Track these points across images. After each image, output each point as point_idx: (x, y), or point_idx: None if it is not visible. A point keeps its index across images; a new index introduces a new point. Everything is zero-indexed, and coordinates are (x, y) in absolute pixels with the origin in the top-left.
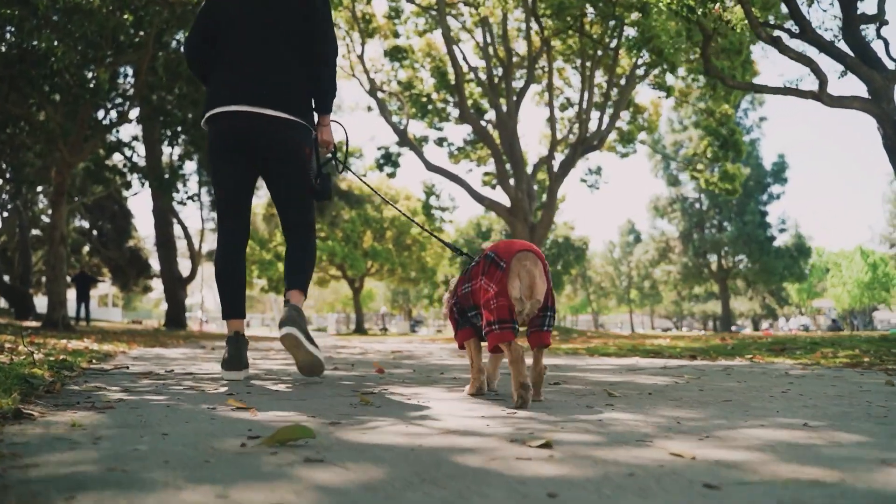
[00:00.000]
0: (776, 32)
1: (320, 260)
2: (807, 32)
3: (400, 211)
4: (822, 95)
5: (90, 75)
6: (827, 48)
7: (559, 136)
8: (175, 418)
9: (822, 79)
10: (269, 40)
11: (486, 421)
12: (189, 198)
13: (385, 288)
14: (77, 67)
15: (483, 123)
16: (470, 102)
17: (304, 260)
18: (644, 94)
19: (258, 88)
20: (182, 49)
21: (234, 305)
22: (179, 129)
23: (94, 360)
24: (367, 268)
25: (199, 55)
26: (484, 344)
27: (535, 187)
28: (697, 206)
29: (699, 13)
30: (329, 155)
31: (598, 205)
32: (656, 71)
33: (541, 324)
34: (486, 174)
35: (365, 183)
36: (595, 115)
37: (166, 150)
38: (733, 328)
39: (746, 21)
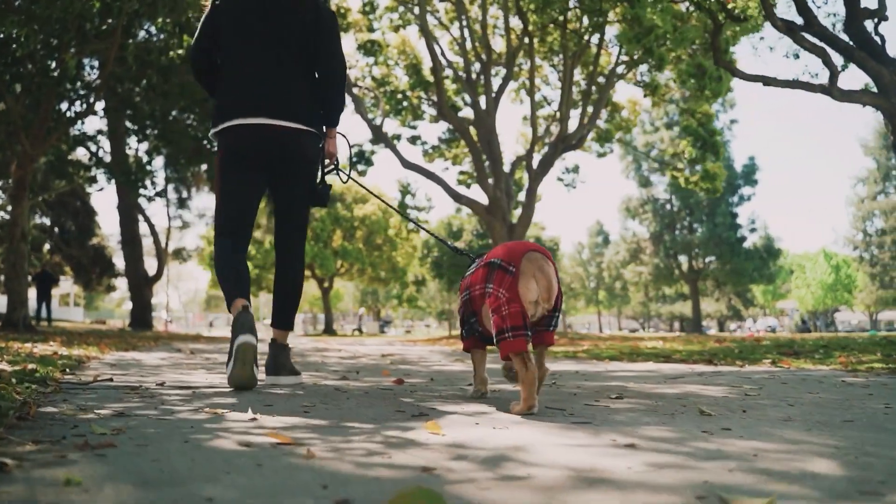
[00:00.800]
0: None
1: None
2: (812, 25)
3: (414, 222)
4: (832, 89)
5: (53, 65)
6: (833, 41)
7: (545, 132)
8: (207, 464)
9: (833, 71)
10: (279, 53)
11: (616, 460)
12: (157, 194)
13: (354, 288)
14: (41, 57)
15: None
16: (447, 97)
17: (296, 299)
18: (621, 93)
19: (276, 100)
20: (190, 49)
21: (240, 289)
22: (148, 122)
23: (67, 370)
24: (337, 267)
25: (207, 64)
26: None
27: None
28: (668, 207)
29: (711, 1)
30: (332, 166)
31: (567, 206)
32: (643, 68)
33: (547, 324)
34: (462, 173)
35: (371, 193)
36: (574, 112)
37: (133, 144)
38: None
39: (760, 10)
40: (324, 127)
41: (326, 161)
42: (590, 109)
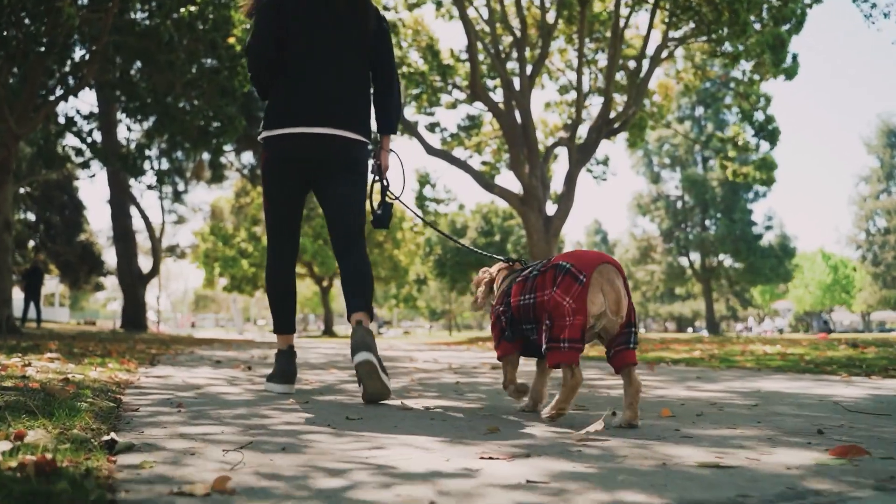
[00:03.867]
0: None
1: None
2: None
3: (458, 242)
4: None
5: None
6: None
7: (563, 121)
8: None
9: None
10: (343, 58)
11: None
12: (158, 179)
13: None
14: (27, 26)
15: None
16: (467, 83)
17: (366, 282)
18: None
19: (336, 110)
20: (250, 45)
21: (287, 321)
22: (147, 100)
23: (111, 433)
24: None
25: (270, 63)
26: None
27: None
28: (680, 204)
29: None
30: (384, 182)
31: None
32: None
33: (626, 341)
34: (484, 163)
35: (417, 215)
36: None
37: (129, 125)
38: (689, 330)
39: None
40: (377, 136)
41: (377, 177)
42: (614, 98)
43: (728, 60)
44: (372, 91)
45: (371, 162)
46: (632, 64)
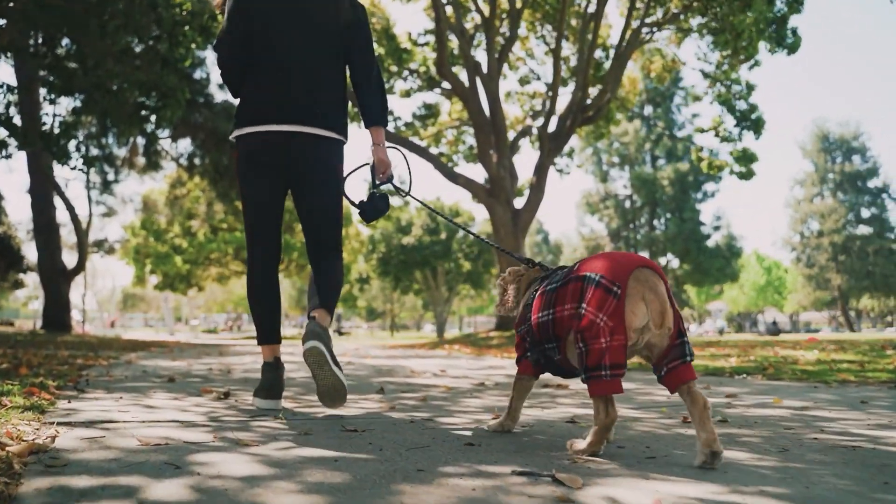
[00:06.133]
0: None
1: (225, 252)
2: None
3: (474, 235)
4: None
5: None
6: None
7: (525, 112)
8: None
9: None
10: (313, 52)
11: None
12: (85, 163)
13: (290, 286)
14: None
15: (441, 89)
16: (424, 69)
17: (335, 284)
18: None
19: (307, 106)
20: (218, 41)
21: (272, 330)
22: (64, 76)
23: None
24: None
25: (239, 61)
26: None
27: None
28: (628, 203)
29: None
30: (386, 180)
31: None
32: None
33: (681, 355)
34: (442, 154)
35: (429, 209)
36: (567, 88)
37: (49, 102)
38: None
39: None
40: (341, 133)
41: (372, 173)
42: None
43: (724, 41)
44: (350, 86)
45: (368, 161)
46: (598, 53)
